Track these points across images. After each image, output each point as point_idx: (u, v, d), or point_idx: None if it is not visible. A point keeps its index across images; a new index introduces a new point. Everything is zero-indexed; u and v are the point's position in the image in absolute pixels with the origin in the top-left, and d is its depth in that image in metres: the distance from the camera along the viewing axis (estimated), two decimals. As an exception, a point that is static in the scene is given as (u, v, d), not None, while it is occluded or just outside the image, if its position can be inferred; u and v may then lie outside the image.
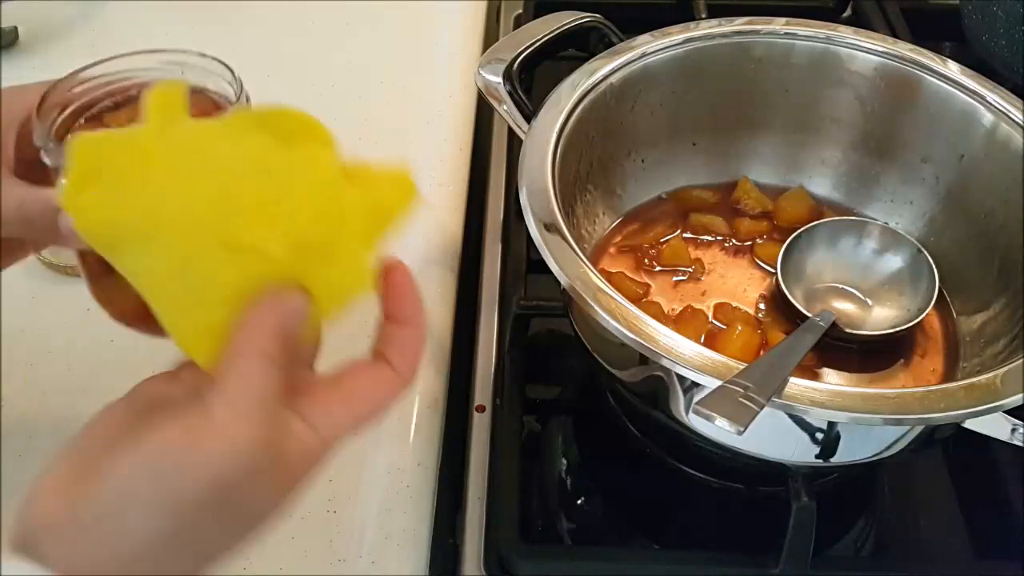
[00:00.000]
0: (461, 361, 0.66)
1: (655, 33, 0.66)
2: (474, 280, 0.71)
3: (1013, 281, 0.60)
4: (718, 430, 0.42)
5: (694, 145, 0.70)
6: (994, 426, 0.47)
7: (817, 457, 0.51)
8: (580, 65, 0.64)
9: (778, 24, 0.67)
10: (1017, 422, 0.47)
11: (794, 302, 0.61)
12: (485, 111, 0.83)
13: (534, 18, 0.69)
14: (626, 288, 0.63)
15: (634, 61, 0.65)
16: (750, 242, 0.68)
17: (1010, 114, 0.61)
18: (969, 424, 0.47)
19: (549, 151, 0.58)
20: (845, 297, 0.63)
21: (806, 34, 0.67)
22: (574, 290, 0.50)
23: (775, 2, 0.95)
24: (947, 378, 0.60)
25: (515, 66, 0.63)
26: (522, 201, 0.54)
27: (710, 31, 0.67)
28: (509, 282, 0.69)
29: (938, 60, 0.65)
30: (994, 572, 0.58)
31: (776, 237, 0.67)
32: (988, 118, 0.62)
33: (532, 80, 0.64)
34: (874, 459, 0.53)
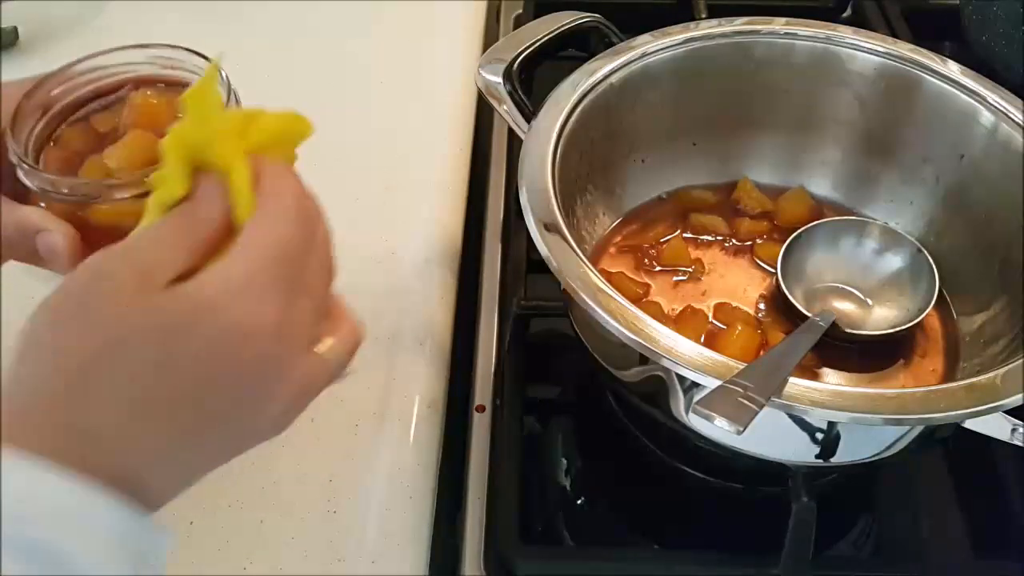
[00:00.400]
0: (461, 361, 0.65)
1: (655, 33, 0.66)
2: (474, 280, 0.71)
3: (1013, 281, 0.60)
4: (718, 430, 0.42)
5: (694, 145, 0.70)
6: (994, 426, 0.47)
7: (817, 457, 0.51)
8: (580, 65, 0.64)
9: (778, 24, 0.67)
10: (1017, 422, 0.47)
11: (794, 302, 0.61)
12: (485, 111, 0.83)
13: (534, 18, 0.69)
14: (626, 288, 0.63)
15: (634, 61, 0.65)
16: (750, 242, 0.68)
17: (1010, 114, 0.61)
18: (969, 424, 0.47)
19: (549, 151, 0.58)
20: (845, 297, 0.63)
21: (806, 34, 0.67)
22: (574, 290, 0.50)
23: (775, 2, 0.95)
24: (947, 378, 0.60)
25: (515, 66, 0.63)
26: (522, 201, 0.55)
27: (710, 31, 0.67)
28: (509, 282, 0.69)
29: (938, 60, 0.65)
30: (994, 572, 0.58)
31: (776, 237, 0.67)
32: (988, 118, 0.62)
33: (532, 80, 0.64)
34: (874, 459, 0.53)
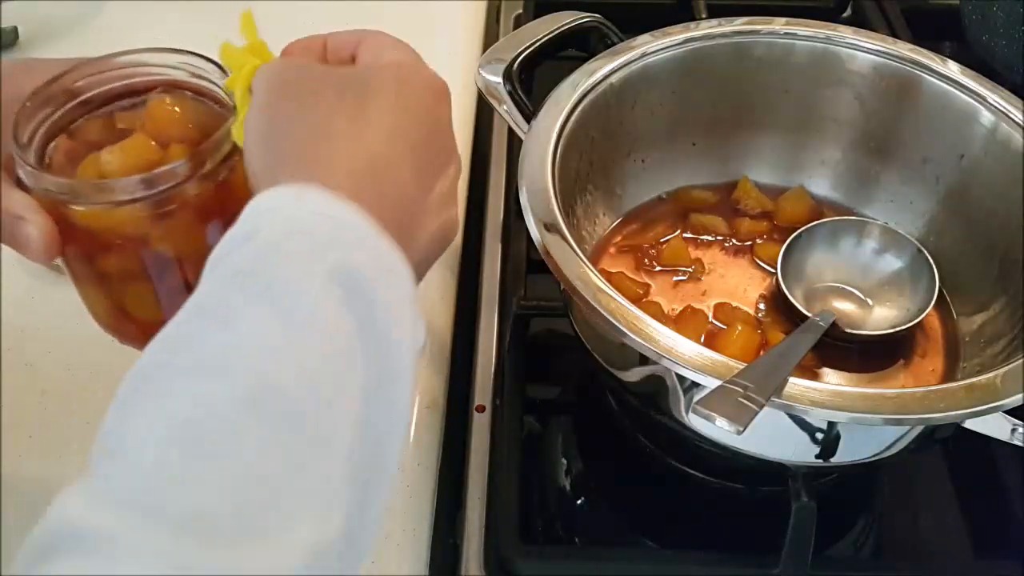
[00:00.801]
0: (461, 361, 0.65)
1: (655, 33, 0.66)
2: (474, 280, 0.71)
3: (1013, 281, 0.60)
4: (718, 430, 0.42)
5: (694, 145, 0.70)
6: (994, 426, 0.47)
7: (817, 457, 0.51)
8: (580, 65, 0.64)
9: (778, 24, 0.67)
10: (1017, 422, 0.47)
11: (794, 302, 0.61)
12: (485, 111, 0.83)
13: (534, 18, 0.69)
14: (626, 288, 0.63)
15: (634, 61, 0.65)
16: (750, 242, 0.68)
17: (1010, 114, 0.61)
18: (969, 424, 0.47)
19: (549, 151, 0.58)
20: (845, 297, 0.63)
21: (806, 34, 0.67)
22: (574, 290, 0.50)
23: (775, 2, 0.95)
24: (947, 378, 0.60)
25: (515, 66, 0.63)
26: (522, 201, 0.55)
27: (710, 31, 0.67)
28: (509, 282, 0.69)
29: (938, 60, 0.65)
30: (994, 572, 0.58)
31: (776, 237, 0.67)
32: (988, 118, 0.62)
33: (532, 80, 0.64)
34: (874, 459, 0.53)
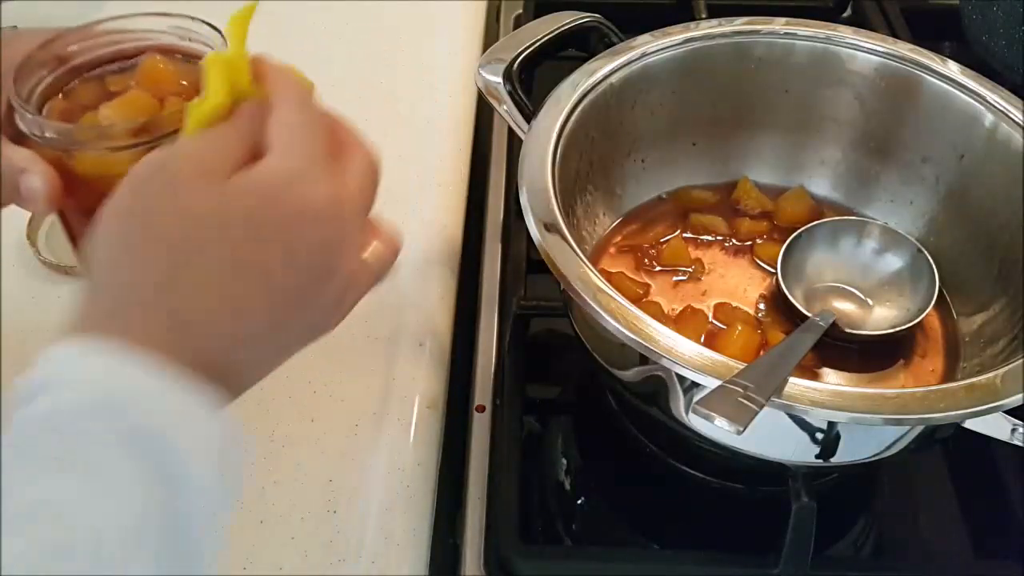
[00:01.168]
0: (461, 361, 0.65)
1: (655, 33, 0.66)
2: (474, 280, 0.71)
3: (1013, 281, 0.60)
4: (718, 430, 0.42)
5: (694, 145, 0.70)
6: (994, 426, 0.47)
7: (817, 457, 0.51)
8: (580, 65, 0.64)
9: (778, 24, 0.67)
10: (1017, 422, 0.47)
11: (794, 302, 0.61)
12: (485, 111, 0.83)
13: (534, 18, 0.69)
14: (626, 288, 0.63)
15: (634, 61, 0.65)
16: (750, 242, 0.68)
17: (1010, 114, 0.61)
18: (969, 424, 0.47)
19: (549, 151, 0.58)
20: (845, 297, 0.63)
21: (806, 34, 0.67)
22: (574, 290, 0.50)
23: (775, 2, 0.95)
24: (947, 378, 0.60)
25: (515, 66, 0.63)
26: (522, 201, 0.55)
27: (710, 31, 0.67)
28: (509, 282, 0.69)
29: (938, 60, 0.65)
30: (994, 572, 0.58)
31: (776, 237, 0.67)
32: (988, 118, 0.62)
33: (532, 80, 0.64)
34: (874, 459, 0.53)
